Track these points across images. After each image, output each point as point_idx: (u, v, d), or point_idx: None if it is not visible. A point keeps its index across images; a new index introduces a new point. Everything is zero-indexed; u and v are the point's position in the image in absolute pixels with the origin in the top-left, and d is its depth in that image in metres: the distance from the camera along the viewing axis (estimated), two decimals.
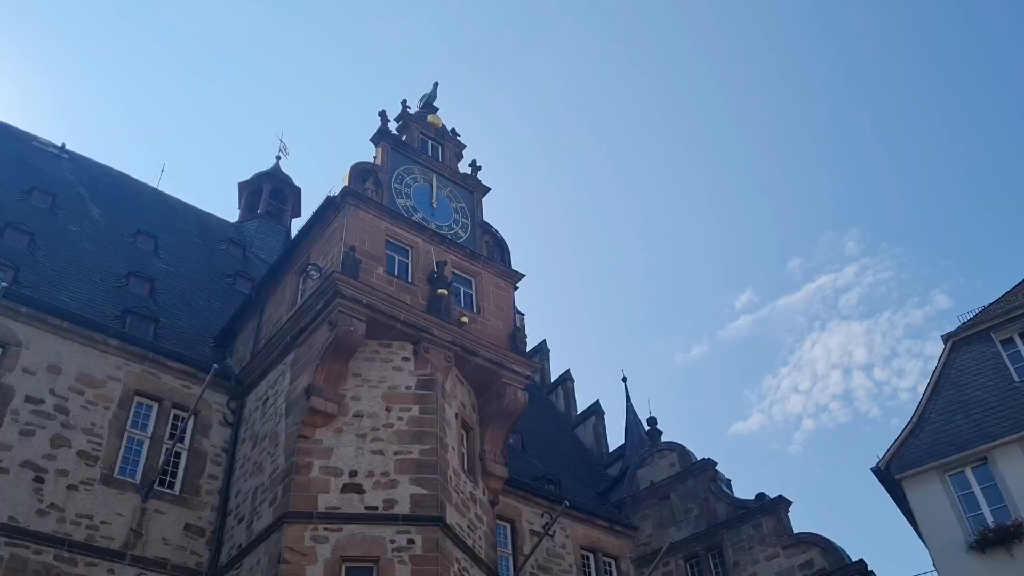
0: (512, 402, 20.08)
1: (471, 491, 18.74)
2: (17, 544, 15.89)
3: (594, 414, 32.37)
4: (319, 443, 17.34)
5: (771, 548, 22.75)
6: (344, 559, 15.93)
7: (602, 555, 24.60)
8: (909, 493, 20.90)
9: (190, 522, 18.15)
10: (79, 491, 17.08)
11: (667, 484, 25.77)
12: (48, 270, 20.53)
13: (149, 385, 19.10)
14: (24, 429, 17.02)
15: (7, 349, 17.59)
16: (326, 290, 18.32)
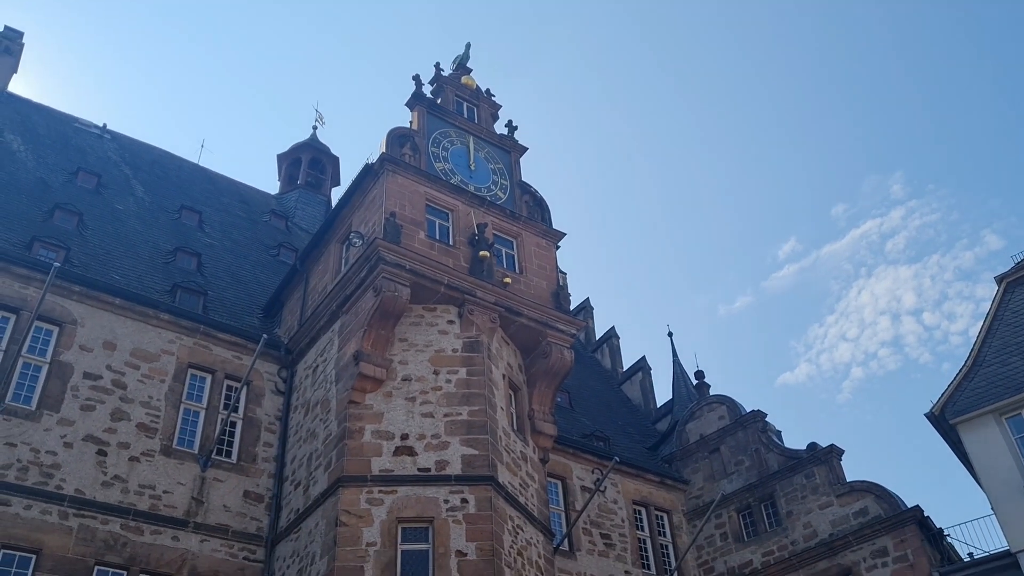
0: (558, 361, 20.13)
1: (521, 450, 18.90)
2: (85, 515, 16.41)
3: (640, 370, 32.37)
4: (370, 408, 17.58)
5: (824, 497, 22.67)
6: (400, 520, 16.21)
7: (654, 509, 24.72)
8: (965, 437, 20.62)
9: (248, 489, 18.57)
10: (140, 462, 17.56)
11: (717, 437, 25.74)
12: (98, 249, 20.94)
13: (201, 357, 19.47)
14: (84, 404, 17.49)
15: (63, 328, 18.03)
16: (369, 257, 18.44)
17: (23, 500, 15.92)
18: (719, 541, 24.25)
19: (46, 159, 24.47)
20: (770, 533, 23.35)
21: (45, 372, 17.45)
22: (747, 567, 23.32)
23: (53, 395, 17.22)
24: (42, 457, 16.51)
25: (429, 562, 15.79)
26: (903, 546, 20.70)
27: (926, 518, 21.07)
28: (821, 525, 22.38)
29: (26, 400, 17.03)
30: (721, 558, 24.00)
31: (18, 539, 15.57)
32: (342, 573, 15.50)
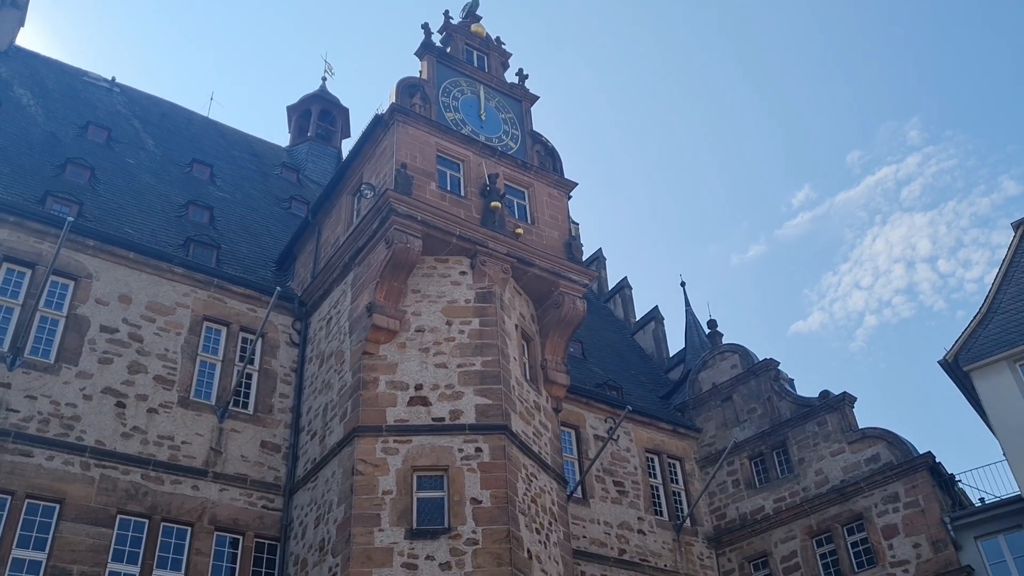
0: (571, 311, 20.16)
1: (534, 399, 19.04)
2: (106, 466, 16.70)
3: (653, 320, 32.43)
4: (383, 359, 17.71)
5: (836, 444, 22.81)
6: (415, 469, 16.43)
7: (666, 457, 24.95)
8: (978, 384, 20.65)
9: (265, 439, 18.83)
10: (159, 414, 17.80)
11: (729, 385, 25.85)
12: (110, 203, 20.98)
13: (216, 310, 19.61)
14: (102, 357, 17.69)
15: (79, 282, 18.16)
16: (381, 209, 18.42)
17: (45, 451, 16.20)
18: (731, 488, 24.51)
19: (56, 113, 24.42)
20: (782, 480, 23.57)
21: (62, 326, 17.64)
22: (758, 513, 23.58)
23: (71, 348, 17.42)
24: (62, 409, 16.77)
25: (444, 509, 16.04)
26: (914, 492, 20.86)
27: (937, 464, 21.19)
28: (833, 472, 22.55)
29: (44, 354, 17.24)
30: (733, 504, 24.27)
31: (42, 489, 15.89)
32: (359, 521, 15.77)
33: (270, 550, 17.81)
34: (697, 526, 24.23)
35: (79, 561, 15.56)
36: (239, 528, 17.55)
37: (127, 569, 16.10)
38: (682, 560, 23.19)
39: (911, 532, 20.56)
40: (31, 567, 15.27)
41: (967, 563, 19.59)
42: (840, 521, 21.95)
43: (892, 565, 20.62)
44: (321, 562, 16.31)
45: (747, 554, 23.35)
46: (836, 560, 21.74)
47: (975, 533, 19.87)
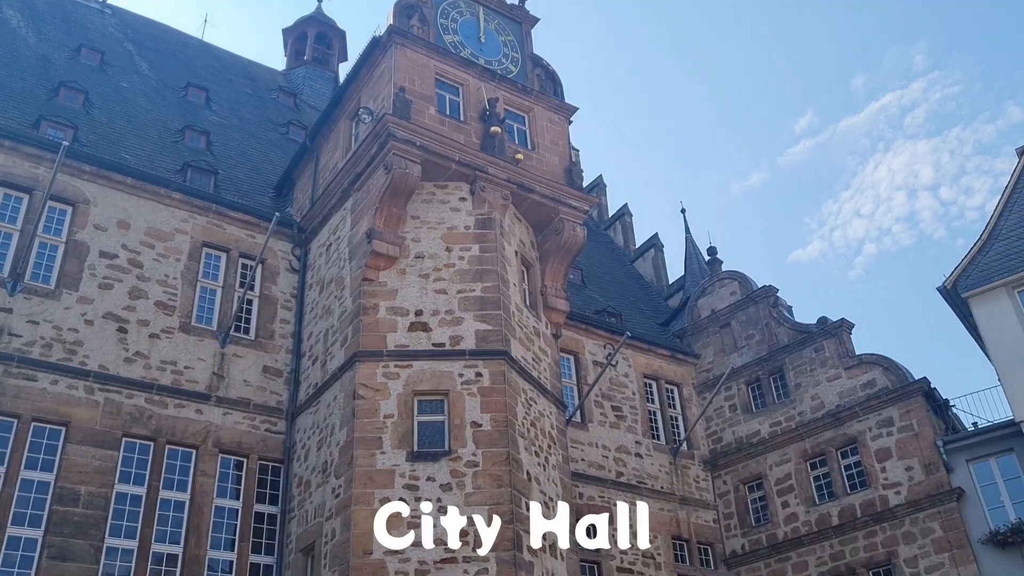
0: (571, 238, 20.12)
1: (534, 325, 19.14)
2: (110, 390, 16.89)
3: (653, 247, 32.42)
4: (383, 285, 17.74)
5: (833, 370, 23.03)
6: (416, 393, 16.61)
7: (664, 382, 25.22)
8: (976, 311, 20.73)
9: (267, 364, 18.99)
10: (161, 339, 17.92)
11: (728, 312, 25.98)
12: (105, 128, 20.74)
13: (215, 236, 19.56)
14: (102, 283, 17.72)
15: (76, 207, 18.07)
16: (379, 133, 18.21)
17: (49, 375, 16.36)
18: (728, 413, 24.84)
19: (47, 36, 23.95)
20: (778, 405, 23.86)
21: (61, 251, 17.62)
22: (754, 437, 23.95)
23: (71, 274, 17.43)
24: (64, 334, 16.87)
25: (445, 433, 16.27)
26: (908, 416, 21.15)
27: (932, 390, 21.42)
28: (829, 397, 22.82)
29: (45, 279, 17.26)
30: (729, 429, 24.62)
31: (47, 412, 16.09)
32: (361, 444, 16.01)
33: (274, 472, 18.14)
34: (694, 450, 24.63)
35: (86, 482, 15.85)
36: (243, 451, 17.83)
37: (134, 490, 16.42)
38: (678, 482, 23.64)
39: (904, 455, 20.91)
40: (40, 488, 15.57)
41: (958, 485, 19.96)
42: (834, 445, 22.30)
43: (884, 487, 21.02)
44: (324, 483, 16.62)
45: (742, 476, 23.80)
46: (829, 482, 22.16)
47: (967, 456, 20.20)
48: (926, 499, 20.21)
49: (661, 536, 22.38)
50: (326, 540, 15.91)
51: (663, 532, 22.48)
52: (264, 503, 17.75)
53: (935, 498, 20.08)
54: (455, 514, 15.35)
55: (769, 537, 22.67)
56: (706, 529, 23.53)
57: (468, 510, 15.41)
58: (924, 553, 19.91)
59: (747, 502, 23.55)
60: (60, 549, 15.16)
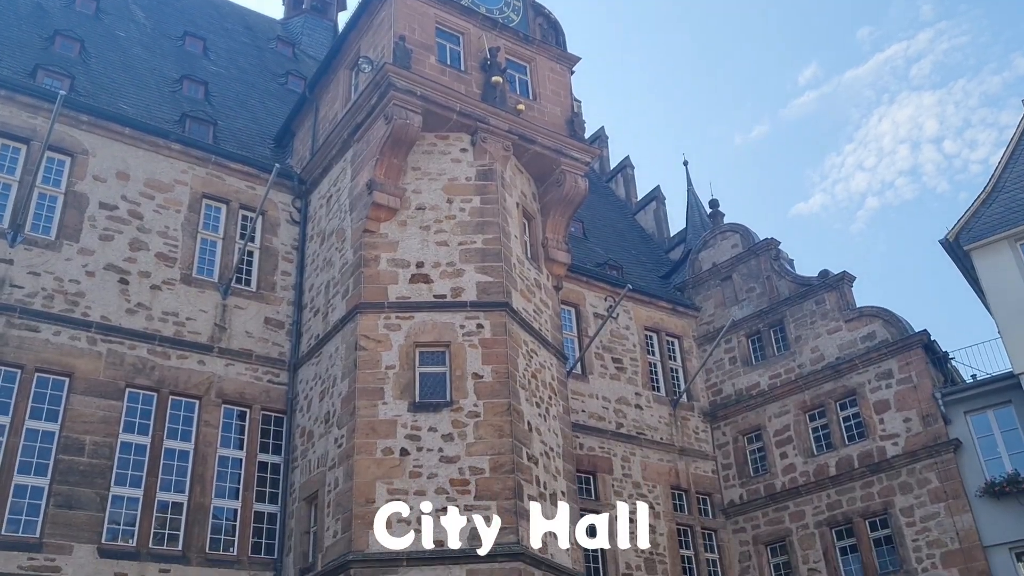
0: (572, 189, 20.01)
1: (535, 277, 19.14)
2: (113, 341, 16.94)
3: (655, 199, 32.29)
4: (384, 237, 17.70)
5: (833, 322, 23.07)
6: (417, 344, 16.66)
7: (665, 335, 25.29)
8: (978, 263, 20.69)
9: (269, 316, 19.03)
10: (162, 290, 17.93)
11: (729, 265, 25.96)
12: (102, 77, 20.51)
13: (215, 187, 19.46)
14: (103, 234, 17.67)
15: (75, 158, 17.95)
16: (379, 83, 18.01)
17: (51, 326, 16.40)
18: (728, 365, 24.95)
19: None
20: (778, 357, 23.96)
21: (61, 202, 17.55)
22: (754, 389, 24.09)
23: (71, 225, 17.38)
24: (66, 285, 16.87)
25: (446, 384, 16.36)
26: (908, 368, 21.23)
27: (932, 342, 21.49)
28: (828, 349, 22.90)
29: (45, 230, 17.22)
30: (729, 381, 24.76)
31: (50, 363, 16.17)
32: (363, 394, 16.11)
33: (276, 422, 18.29)
34: (693, 401, 24.80)
35: (91, 432, 15.99)
36: (246, 401, 17.96)
37: (138, 440, 16.58)
38: (678, 433, 23.84)
39: (902, 407, 21.05)
40: (45, 437, 15.71)
41: (955, 437, 20.12)
42: (833, 396, 22.43)
43: (882, 438, 21.19)
44: (327, 434, 16.76)
45: (741, 428, 23.99)
46: (828, 433, 22.34)
47: (965, 408, 20.33)
48: (923, 450, 20.39)
49: (660, 486, 22.63)
50: (329, 489, 16.09)
51: (662, 482, 22.73)
52: (267, 453, 17.92)
53: (932, 449, 20.26)
54: (457, 463, 15.51)
55: (767, 487, 22.92)
56: (705, 479, 23.79)
57: (469, 460, 15.56)
58: (920, 503, 20.15)
59: (746, 453, 23.77)
60: (66, 497, 15.34)
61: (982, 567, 18.94)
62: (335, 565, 14.98)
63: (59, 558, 14.92)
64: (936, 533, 19.74)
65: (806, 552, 21.75)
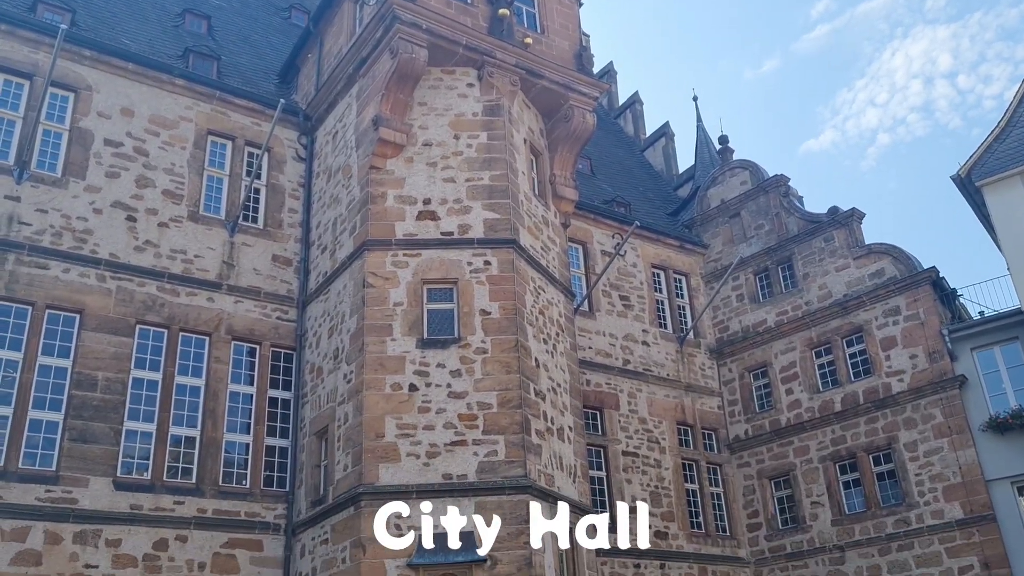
0: (580, 125, 19.81)
1: (543, 214, 19.07)
2: (122, 278, 17.02)
3: (663, 136, 31.99)
4: (391, 173, 17.59)
5: (842, 260, 23.02)
6: (425, 281, 16.69)
7: (672, 272, 25.30)
8: (989, 199, 20.53)
9: (276, 253, 19.06)
10: (170, 228, 17.93)
11: (738, 202, 25.82)
12: (103, 11, 20.20)
13: (220, 124, 19.32)
14: (109, 172, 17.61)
15: (79, 94, 17.79)
16: (384, 16, 17.70)
17: (61, 264, 16.46)
18: (735, 302, 25.00)
19: None
20: (785, 294, 23.97)
21: (66, 139, 17.45)
22: (761, 326, 24.16)
23: (77, 162, 17.32)
24: (73, 223, 16.88)
25: (454, 320, 16.43)
26: (915, 305, 21.24)
27: (941, 279, 21.44)
28: (836, 286, 22.89)
29: (51, 167, 17.16)
30: (736, 318, 24.83)
31: (61, 300, 16.27)
32: (371, 331, 16.20)
33: (286, 359, 18.44)
34: (700, 338, 24.90)
35: (103, 368, 16.17)
36: (255, 338, 18.10)
37: (150, 376, 16.76)
38: (684, 370, 24.01)
39: (909, 344, 21.11)
40: (58, 373, 15.90)
41: (961, 373, 20.21)
42: (840, 333, 22.50)
43: (888, 375, 21.31)
44: (336, 370, 16.92)
45: (747, 364, 24.13)
46: (834, 370, 22.47)
47: (972, 345, 20.38)
48: (928, 386, 20.51)
49: (666, 422, 22.88)
50: (339, 424, 16.31)
51: (668, 418, 22.96)
52: (277, 388, 18.12)
53: (937, 385, 20.37)
54: (465, 399, 15.67)
55: (772, 423, 23.15)
56: (710, 415, 24.02)
57: (477, 395, 15.72)
58: (924, 438, 20.34)
59: (751, 389, 23.96)
60: (81, 432, 15.59)
61: (983, 500, 19.21)
62: (346, 498, 15.26)
63: (76, 490, 15.23)
64: (939, 467, 19.98)
65: (809, 486, 22.06)
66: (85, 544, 15.02)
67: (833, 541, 21.26)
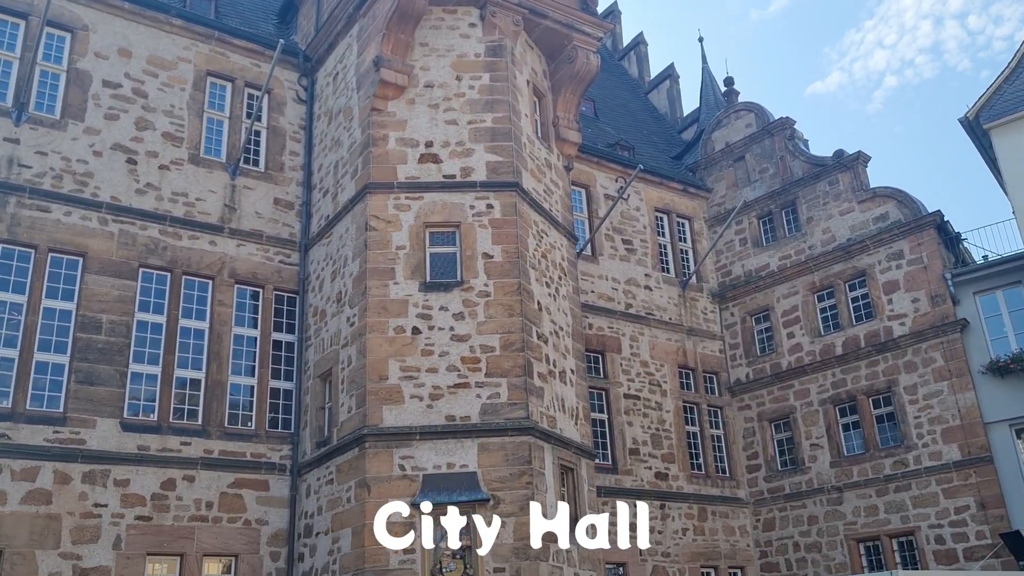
0: (584, 66, 19.55)
1: (545, 157, 18.93)
2: (124, 221, 16.98)
3: (668, 78, 31.60)
4: (392, 115, 17.43)
5: (846, 203, 22.90)
6: (427, 225, 16.65)
7: (676, 216, 25.20)
8: (997, 142, 20.34)
9: (278, 196, 18.98)
10: (171, 171, 17.84)
11: (743, 145, 25.60)
12: None
13: (219, 65, 19.08)
14: (108, 113, 17.46)
15: (75, 34, 17.55)
16: None
17: (62, 207, 16.41)
18: (738, 246, 24.95)
19: None
20: (789, 238, 23.91)
21: (64, 80, 17.26)
22: (763, 270, 24.15)
23: (75, 104, 17.15)
24: (74, 165, 16.79)
25: (457, 264, 16.43)
26: (919, 249, 21.19)
27: (945, 223, 21.35)
28: (840, 230, 22.81)
29: (49, 109, 17.00)
30: (739, 262, 24.81)
31: (63, 243, 16.27)
32: (374, 275, 16.21)
33: (289, 302, 18.50)
34: (703, 282, 24.92)
35: (107, 311, 16.23)
36: (258, 281, 18.13)
37: (153, 319, 16.83)
38: (686, 314, 24.07)
39: (911, 288, 21.11)
40: (62, 316, 15.96)
41: (963, 316, 20.24)
42: (843, 277, 22.49)
43: (890, 318, 21.36)
44: (339, 313, 16.97)
45: (749, 308, 24.18)
46: (836, 314, 22.52)
47: (974, 288, 20.37)
48: (930, 330, 20.57)
49: (668, 365, 23.01)
50: (343, 366, 16.42)
51: (669, 361, 23.10)
52: (281, 331, 18.20)
53: (939, 328, 20.43)
54: (468, 342, 15.75)
55: (773, 366, 23.28)
56: (712, 359, 24.15)
57: (480, 338, 15.79)
58: (924, 381, 20.47)
59: (753, 333, 24.04)
60: (87, 374, 15.72)
61: (981, 443, 19.40)
62: (350, 439, 15.44)
63: (83, 431, 15.41)
64: (938, 410, 20.14)
65: (809, 428, 22.28)
66: (94, 484, 15.25)
67: (831, 482, 21.55)
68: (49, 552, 14.54)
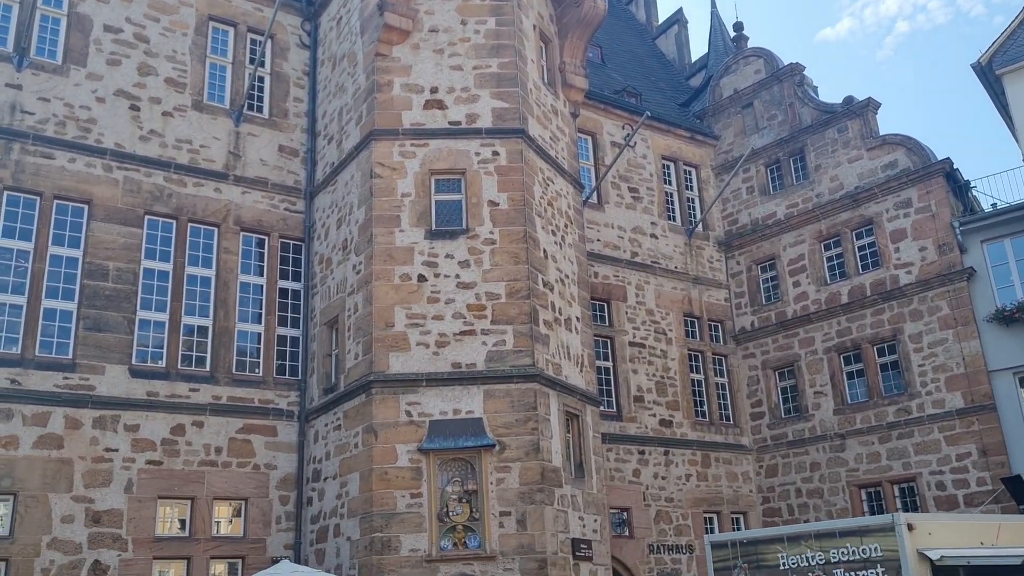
0: (591, 10, 19.25)
1: (552, 103, 18.74)
2: (128, 168, 16.92)
3: (676, 23, 31.14)
4: (397, 61, 17.22)
5: (855, 151, 22.68)
6: (432, 172, 16.56)
7: (682, 164, 25.02)
8: (1009, 88, 20.05)
9: (283, 143, 18.87)
10: (174, 117, 17.71)
11: (751, 91, 25.29)
12: None
13: (221, 9, 18.83)
14: (110, 59, 17.29)
15: None
16: None
17: (66, 153, 16.35)
18: (745, 195, 24.79)
19: None
20: (796, 186, 23.75)
21: (64, 25, 17.07)
22: (770, 218, 24.04)
23: (77, 49, 16.98)
24: (77, 112, 16.68)
25: (462, 211, 16.38)
26: (927, 197, 21.04)
27: (955, 171, 21.16)
28: (848, 178, 22.64)
29: (51, 54, 16.84)
30: (746, 210, 24.68)
31: (68, 190, 16.23)
32: (380, 222, 16.18)
33: (295, 250, 18.51)
34: (709, 231, 24.83)
35: (114, 258, 16.27)
36: (263, 229, 18.11)
37: (160, 266, 16.87)
38: (692, 262, 24.03)
39: (919, 236, 21.01)
40: (69, 263, 16.01)
41: (969, 265, 20.17)
42: (850, 226, 22.38)
43: (896, 267, 21.30)
44: (345, 261, 16.98)
45: (755, 257, 24.12)
46: (842, 263, 22.45)
47: (982, 237, 20.26)
48: (936, 278, 20.52)
49: (673, 313, 23.05)
50: (349, 314, 16.48)
51: (675, 309, 23.13)
52: (287, 279, 18.24)
53: (945, 277, 20.38)
54: (473, 289, 15.77)
55: (778, 315, 23.30)
56: (717, 307, 24.18)
57: (486, 286, 15.80)
58: (929, 329, 20.48)
59: (759, 282, 24.02)
60: (95, 320, 15.81)
61: (985, 390, 19.48)
62: (357, 386, 15.56)
63: (92, 378, 15.56)
64: (942, 358, 20.18)
65: (813, 376, 22.37)
66: (104, 429, 15.44)
67: (834, 429, 21.71)
68: (62, 495, 14.79)
